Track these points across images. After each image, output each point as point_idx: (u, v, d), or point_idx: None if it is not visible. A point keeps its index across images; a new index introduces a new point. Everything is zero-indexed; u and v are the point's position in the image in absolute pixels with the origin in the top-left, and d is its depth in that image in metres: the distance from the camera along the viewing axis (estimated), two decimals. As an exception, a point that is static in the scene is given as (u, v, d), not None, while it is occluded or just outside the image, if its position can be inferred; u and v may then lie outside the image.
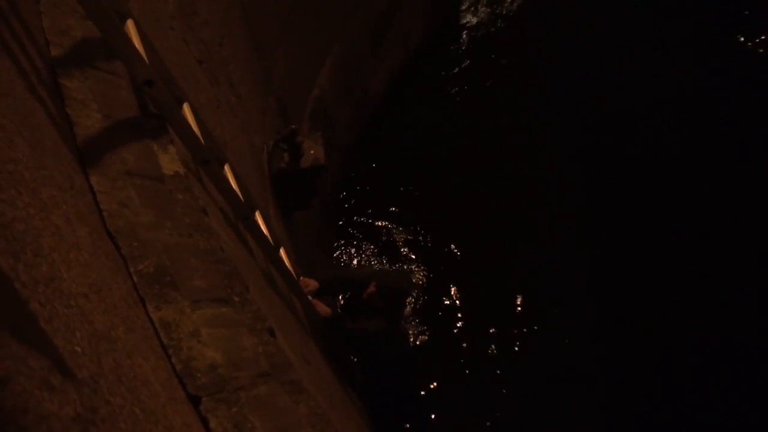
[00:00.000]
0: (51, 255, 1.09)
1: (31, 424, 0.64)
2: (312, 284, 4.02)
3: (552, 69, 8.37)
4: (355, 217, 7.02)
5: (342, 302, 5.12)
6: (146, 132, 2.15)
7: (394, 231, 6.88)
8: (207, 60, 3.63)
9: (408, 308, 6.14)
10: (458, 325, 6.13)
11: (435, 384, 5.73)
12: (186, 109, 2.39)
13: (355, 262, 6.65)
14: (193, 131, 2.31)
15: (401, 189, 7.24)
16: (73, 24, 2.18)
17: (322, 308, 3.93)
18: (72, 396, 0.79)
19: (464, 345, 5.98)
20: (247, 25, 4.51)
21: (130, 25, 2.07)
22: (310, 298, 3.81)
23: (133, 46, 1.99)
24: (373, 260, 6.66)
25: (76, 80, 2.04)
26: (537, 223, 6.82)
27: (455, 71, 8.58)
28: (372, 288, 4.22)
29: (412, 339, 5.98)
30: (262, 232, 2.97)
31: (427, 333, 6.09)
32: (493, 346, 5.94)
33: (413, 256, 6.64)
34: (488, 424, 5.48)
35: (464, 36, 9.04)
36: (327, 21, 6.19)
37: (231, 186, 2.64)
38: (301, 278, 3.94)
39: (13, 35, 1.72)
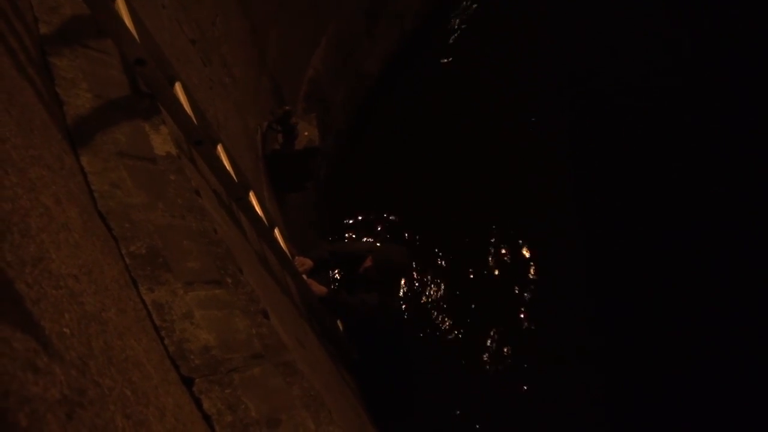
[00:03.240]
0: (39, 235, 1.07)
1: (13, 407, 0.63)
2: (307, 263, 4.02)
3: (549, 47, 8.30)
4: (349, 199, 7.00)
5: (338, 277, 5.15)
6: (138, 112, 2.13)
7: (389, 212, 6.87)
8: (200, 39, 3.59)
9: (404, 283, 6.16)
10: (454, 301, 6.14)
11: (429, 360, 5.76)
12: (178, 88, 2.37)
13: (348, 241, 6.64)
14: (185, 111, 2.28)
15: (396, 170, 7.21)
16: (63, 1, 2.14)
17: (317, 288, 3.94)
18: (58, 378, 0.77)
19: (459, 321, 6.01)
20: (241, 4, 4.45)
21: (119, 2, 2.03)
22: (304, 277, 3.80)
23: (124, 23, 1.96)
24: (368, 240, 6.66)
25: (66, 59, 2.01)
26: (536, 204, 6.82)
27: (451, 52, 8.52)
28: (368, 262, 4.23)
29: (407, 314, 6.01)
30: (257, 212, 2.96)
31: (422, 309, 6.11)
32: (488, 323, 5.97)
33: (408, 237, 6.63)
34: (482, 400, 5.52)
35: (460, 16, 8.97)
36: (322, 0, 6.13)
37: (224, 167, 2.62)
38: (296, 258, 3.94)
39: None
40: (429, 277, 6.36)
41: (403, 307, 6.04)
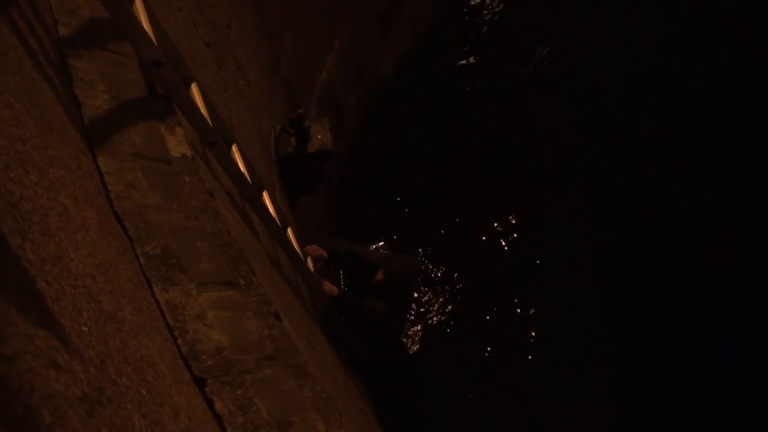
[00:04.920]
0: (58, 235, 1.09)
1: (37, 403, 0.64)
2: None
3: (561, 49, 8.26)
4: (361, 202, 7.00)
5: (349, 280, 5.17)
6: (154, 113, 2.15)
7: (401, 215, 6.87)
8: (215, 42, 3.61)
9: (415, 295, 6.15)
10: (459, 303, 6.14)
11: (438, 367, 5.76)
12: (194, 89, 2.38)
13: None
14: (200, 112, 2.30)
15: (408, 173, 7.21)
16: (82, 3, 2.17)
17: (329, 287, 3.94)
18: (79, 376, 0.79)
19: (464, 322, 6.01)
20: (255, 7, 4.48)
21: (138, 5, 2.06)
22: (317, 276, 3.79)
23: (142, 26, 1.98)
24: (380, 246, 6.66)
25: (84, 60, 2.04)
26: (544, 205, 6.80)
27: (464, 56, 8.51)
28: (380, 275, 4.22)
29: (418, 324, 6.02)
30: (270, 213, 2.96)
31: (429, 310, 6.12)
32: (497, 331, 5.95)
33: (419, 240, 6.63)
34: (486, 401, 5.51)
35: (474, 19, 8.96)
36: (336, 4, 6.15)
37: (238, 167, 2.63)
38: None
39: (21, 14, 1.71)
40: (436, 278, 6.36)
41: (412, 313, 6.05)
